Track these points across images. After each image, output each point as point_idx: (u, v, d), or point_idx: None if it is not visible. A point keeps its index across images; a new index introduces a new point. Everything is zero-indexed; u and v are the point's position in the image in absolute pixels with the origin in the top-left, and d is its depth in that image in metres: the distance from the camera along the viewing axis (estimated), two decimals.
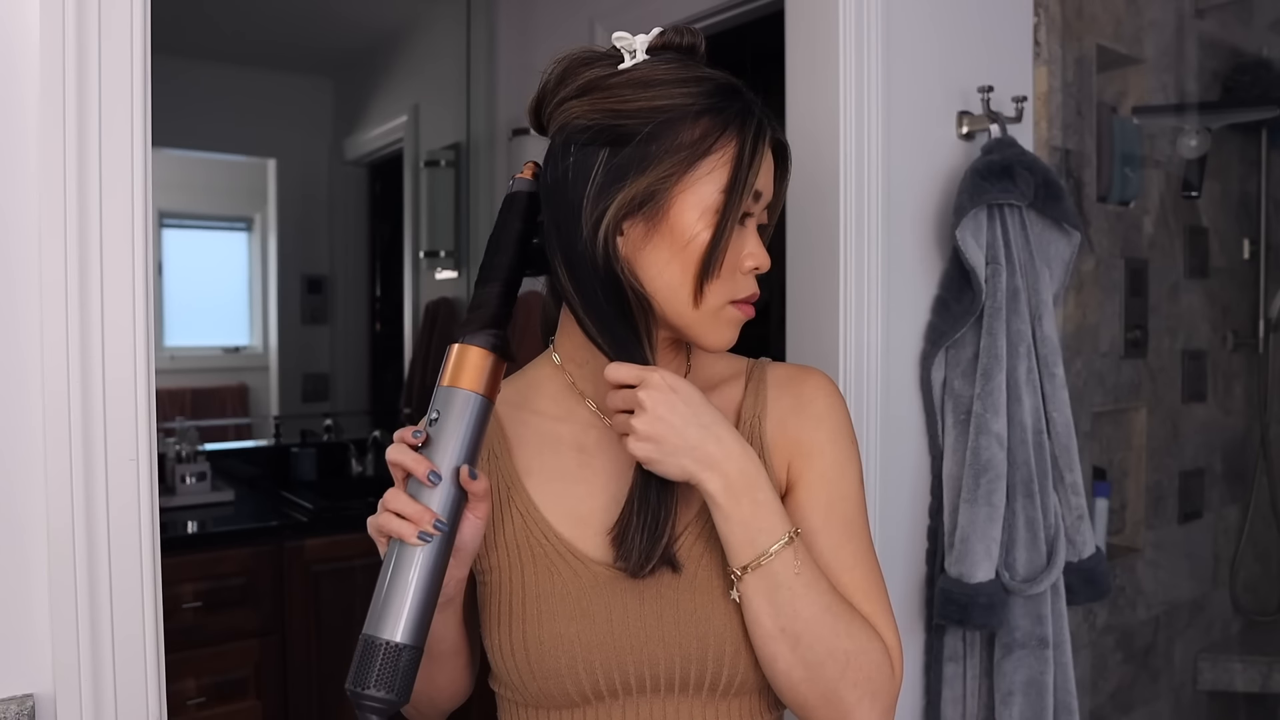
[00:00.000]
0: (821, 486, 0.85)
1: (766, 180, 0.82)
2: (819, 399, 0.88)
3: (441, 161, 2.97)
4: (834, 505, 0.85)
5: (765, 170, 0.81)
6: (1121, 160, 1.99)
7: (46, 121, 0.84)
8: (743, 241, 0.81)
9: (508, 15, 2.88)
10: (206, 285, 2.88)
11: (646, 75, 0.79)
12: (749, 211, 0.80)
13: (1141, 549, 2.16)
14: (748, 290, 0.82)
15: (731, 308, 0.81)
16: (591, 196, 0.77)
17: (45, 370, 0.85)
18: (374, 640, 0.70)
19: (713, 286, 0.79)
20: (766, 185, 0.82)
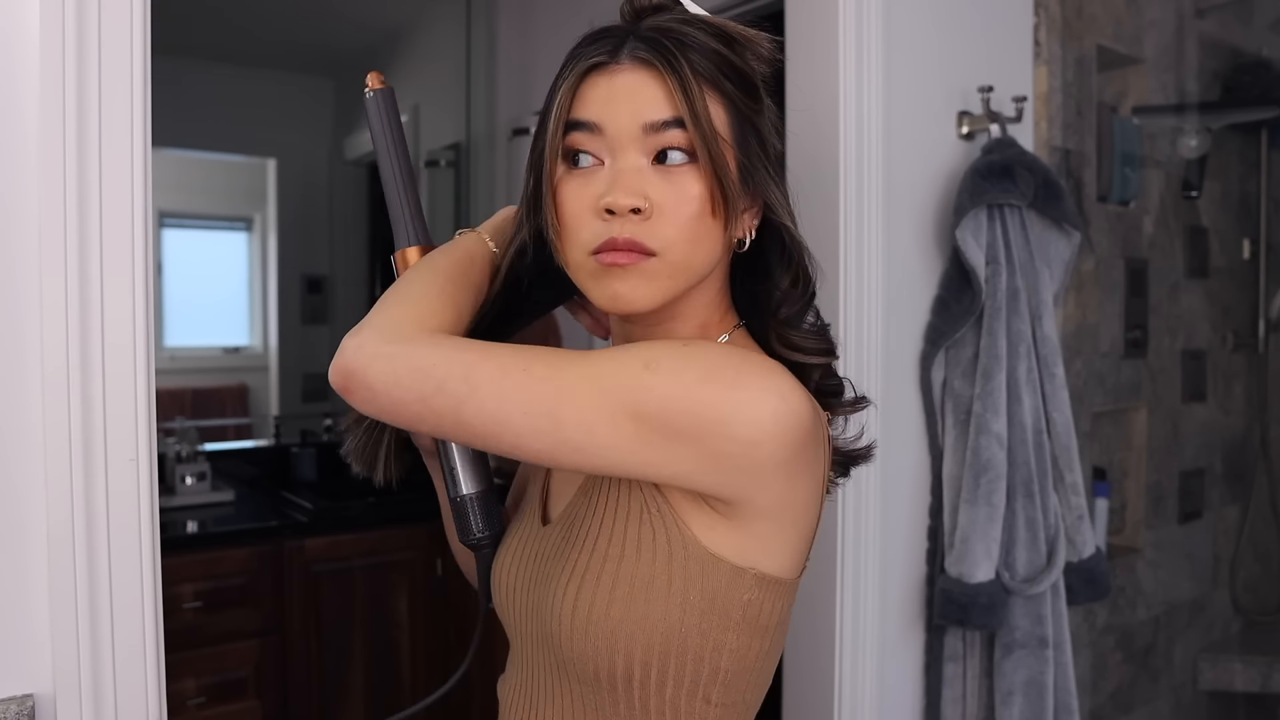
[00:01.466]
0: None
1: (603, 109, 0.73)
2: None
3: (441, 161, 2.97)
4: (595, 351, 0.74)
5: (594, 99, 0.74)
6: (1121, 160, 1.99)
7: (46, 121, 0.84)
8: (594, 184, 0.73)
9: (508, 15, 2.88)
10: (206, 285, 2.88)
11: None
12: (585, 148, 0.74)
13: (1141, 549, 2.16)
14: (600, 237, 0.72)
15: (592, 260, 0.73)
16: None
17: (45, 370, 0.85)
18: (458, 499, 0.86)
19: (561, 241, 0.75)
20: (607, 113, 0.73)
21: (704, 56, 0.74)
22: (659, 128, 0.72)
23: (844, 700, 1.45)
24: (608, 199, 0.71)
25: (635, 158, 0.73)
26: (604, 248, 0.72)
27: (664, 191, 0.73)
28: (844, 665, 1.45)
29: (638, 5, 0.78)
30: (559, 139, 0.75)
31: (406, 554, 2.40)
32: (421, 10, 2.98)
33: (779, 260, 0.81)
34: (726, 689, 0.77)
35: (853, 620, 1.45)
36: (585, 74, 0.74)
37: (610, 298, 0.74)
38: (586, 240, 0.73)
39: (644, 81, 0.73)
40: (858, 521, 1.45)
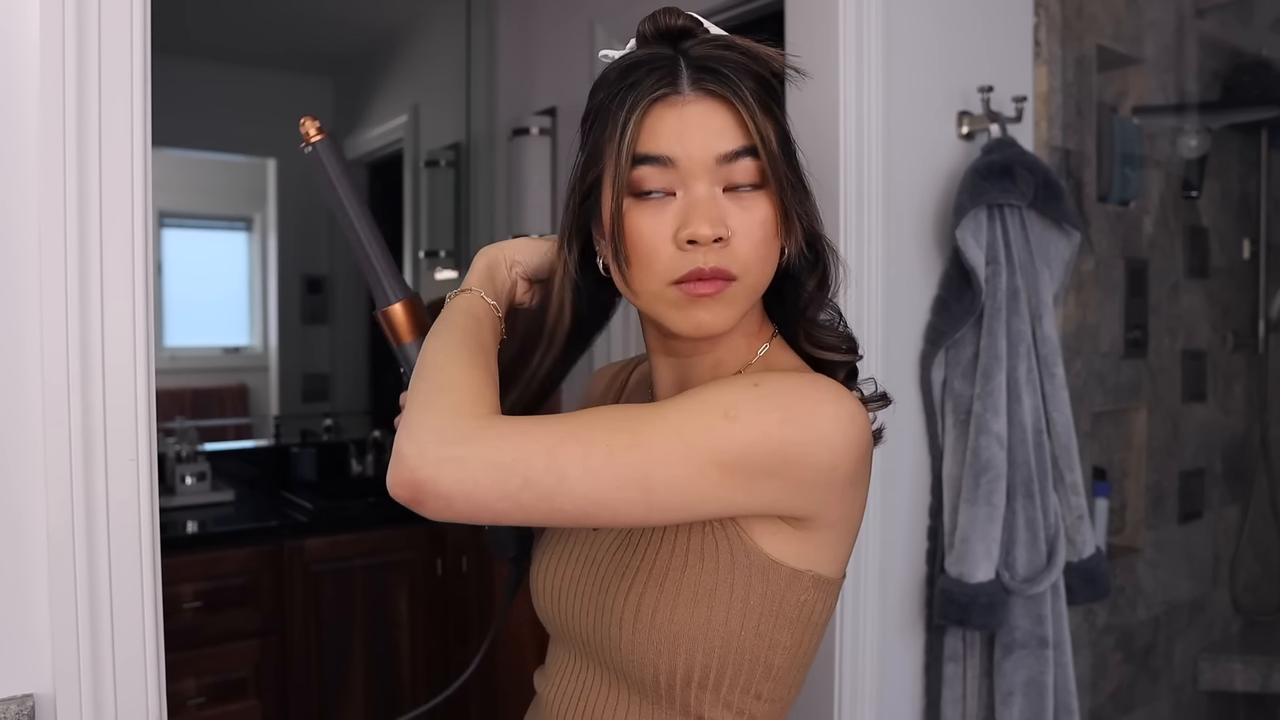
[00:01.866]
0: None
1: (676, 141, 0.73)
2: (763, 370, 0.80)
3: (441, 161, 2.97)
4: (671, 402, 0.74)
5: (664, 132, 0.74)
6: (1121, 160, 1.99)
7: (46, 121, 0.84)
8: (668, 215, 0.74)
9: (508, 15, 2.88)
10: (206, 285, 2.88)
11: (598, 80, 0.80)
12: (659, 186, 0.74)
13: (1141, 549, 2.16)
14: (687, 266, 0.73)
15: (676, 290, 0.74)
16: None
17: (45, 370, 0.85)
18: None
19: (634, 272, 0.75)
20: (680, 146, 0.73)
21: (754, 81, 0.76)
22: (732, 157, 0.74)
23: (844, 700, 1.45)
24: (691, 230, 0.73)
25: (707, 187, 0.74)
26: (689, 277, 0.74)
27: (739, 218, 0.74)
28: (844, 665, 1.45)
29: (663, 26, 0.78)
30: (627, 171, 0.74)
31: (406, 554, 2.40)
32: (421, 10, 2.98)
33: (809, 264, 0.83)
34: (776, 684, 0.80)
35: (853, 620, 1.45)
36: (650, 106, 0.74)
37: (695, 325, 0.76)
38: (665, 271, 0.74)
39: (714, 112, 0.74)
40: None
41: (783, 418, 0.70)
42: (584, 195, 0.79)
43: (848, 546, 0.80)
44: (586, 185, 0.79)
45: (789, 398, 0.71)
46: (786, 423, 0.70)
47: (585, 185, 0.79)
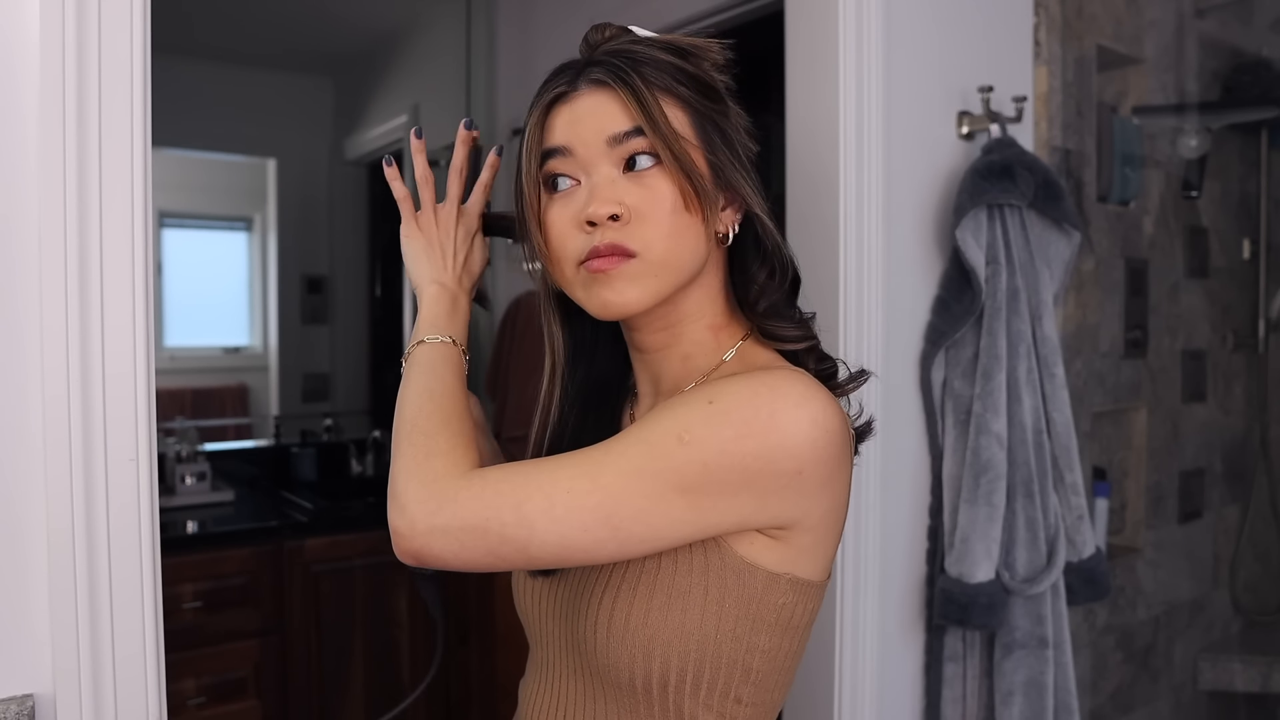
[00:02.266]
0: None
1: (570, 132, 0.78)
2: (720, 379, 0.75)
3: (441, 161, 2.96)
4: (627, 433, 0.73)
5: (561, 125, 0.79)
6: (1121, 160, 1.99)
7: (46, 122, 0.84)
8: (573, 202, 0.78)
9: (508, 15, 2.88)
10: (206, 285, 2.88)
11: None
12: (562, 171, 0.79)
13: (1141, 549, 2.16)
14: (585, 248, 0.76)
15: (582, 271, 0.78)
16: None
17: (45, 370, 0.85)
18: None
19: (550, 262, 0.80)
20: (573, 135, 0.78)
21: (656, 68, 0.78)
22: (621, 138, 0.77)
23: (844, 700, 1.45)
24: (589, 210, 0.75)
25: (607, 170, 0.77)
26: (589, 256, 0.76)
27: (637, 195, 0.76)
28: (844, 665, 1.45)
29: (592, 39, 0.83)
30: (535, 168, 0.80)
31: None
32: (421, 10, 2.98)
33: (754, 253, 0.84)
34: (757, 688, 0.79)
35: (853, 620, 1.45)
36: (550, 106, 0.80)
37: (601, 304, 0.77)
38: (573, 254, 0.78)
39: (602, 100, 0.78)
40: (858, 521, 1.45)
41: (737, 433, 0.70)
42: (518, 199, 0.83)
43: (830, 547, 0.79)
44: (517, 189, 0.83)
45: (744, 410, 0.70)
46: (742, 437, 0.70)
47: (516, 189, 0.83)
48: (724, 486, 0.70)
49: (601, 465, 0.71)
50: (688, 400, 0.73)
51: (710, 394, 0.72)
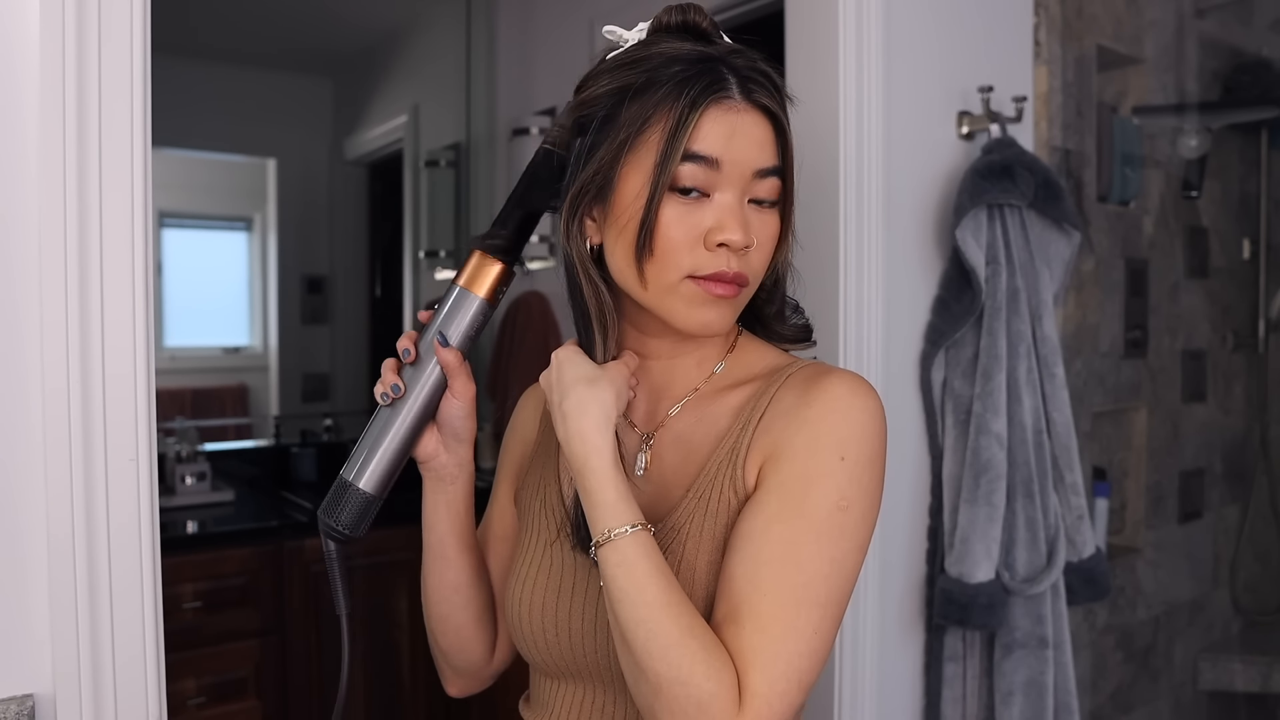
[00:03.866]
0: (777, 494, 0.74)
1: (727, 145, 0.74)
2: (819, 401, 0.76)
3: (441, 161, 2.97)
4: (781, 518, 0.73)
5: (720, 135, 0.74)
6: (1121, 160, 1.99)
7: (46, 121, 0.84)
8: (700, 215, 0.74)
9: (508, 15, 2.88)
10: (206, 285, 2.88)
11: (617, 60, 0.79)
12: (701, 185, 0.74)
13: (1141, 549, 2.16)
14: (712, 266, 0.74)
15: (691, 284, 0.75)
16: (565, 187, 0.80)
17: (45, 370, 0.85)
18: (343, 482, 0.83)
19: (654, 265, 0.75)
20: (730, 151, 0.74)
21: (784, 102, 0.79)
22: (764, 174, 0.77)
23: (844, 700, 1.45)
24: (726, 235, 0.74)
25: (739, 195, 0.76)
26: (713, 277, 0.75)
27: (758, 229, 0.77)
28: (844, 665, 1.45)
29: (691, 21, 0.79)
30: (675, 164, 0.74)
31: (406, 554, 2.40)
32: (421, 10, 2.98)
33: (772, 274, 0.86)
34: None
35: (853, 620, 1.45)
36: (708, 104, 0.74)
37: (703, 324, 0.77)
38: (688, 266, 0.75)
39: (760, 124, 0.76)
40: None
41: (869, 472, 0.76)
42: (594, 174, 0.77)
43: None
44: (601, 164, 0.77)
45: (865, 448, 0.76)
46: (874, 471, 0.76)
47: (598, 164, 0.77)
48: (873, 519, 0.77)
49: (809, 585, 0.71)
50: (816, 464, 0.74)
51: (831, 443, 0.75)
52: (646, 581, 0.70)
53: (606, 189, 0.77)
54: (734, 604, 0.71)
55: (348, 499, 0.82)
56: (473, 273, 0.83)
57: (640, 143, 0.75)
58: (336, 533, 0.84)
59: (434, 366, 0.82)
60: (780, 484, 0.74)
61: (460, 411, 0.84)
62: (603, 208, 0.78)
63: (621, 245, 0.77)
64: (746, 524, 0.74)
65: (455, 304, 0.82)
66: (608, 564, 0.72)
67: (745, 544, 0.73)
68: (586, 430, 0.75)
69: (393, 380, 0.81)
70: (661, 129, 0.74)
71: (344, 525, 0.83)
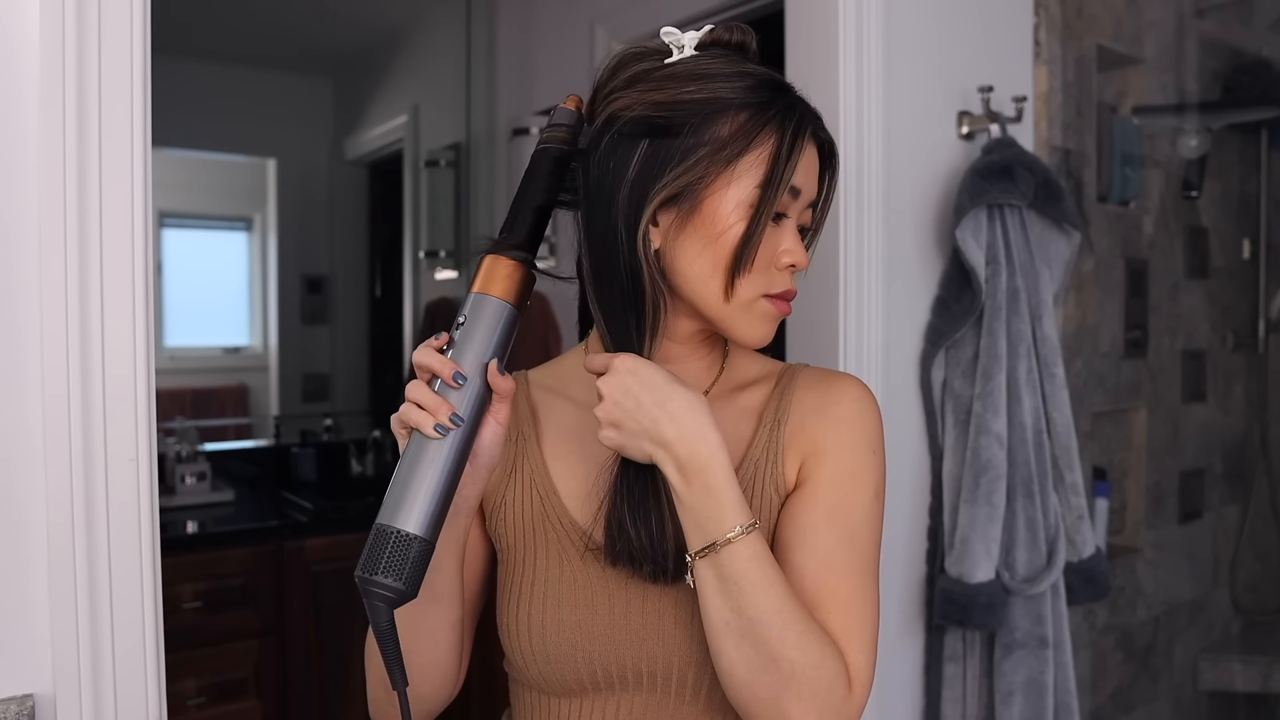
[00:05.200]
0: (829, 489, 0.83)
1: (806, 178, 0.81)
2: (845, 401, 0.85)
3: (441, 161, 2.97)
4: (838, 510, 0.82)
5: (805, 167, 0.81)
6: (1121, 160, 1.99)
7: (46, 121, 0.84)
8: (778, 238, 0.81)
9: (508, 15, 2.88)
10: (206, 285, 2.88)
11: (692, 69, 0.80)
12: (784, 209, 0.80)
13: (1141, 549, 2.16)
14: (782, 286, 0.82)
15: (765, 302, 0.81)
16: (628, 186, 0.78)
17: (45, 370, 0.85)
18: (385, 529, 0.70)
19: (744, 280, 0.79)
20: (807, 183, 0.81)
21: None
22: (809, 205, 0.84)
23: None
24: (796, 257, 0.81)
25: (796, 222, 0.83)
26: (784, 295, 0.82)
27: None
28: None
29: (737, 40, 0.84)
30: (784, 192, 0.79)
31: None
32: (421, 10, 2.98)
33: None
34: None
35: None
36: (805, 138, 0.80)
37: (764, 336, 0.83)
38: (764, 285, 0.81)
39: (815, 159, 0.83)
40: None
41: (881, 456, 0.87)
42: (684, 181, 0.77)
43: None
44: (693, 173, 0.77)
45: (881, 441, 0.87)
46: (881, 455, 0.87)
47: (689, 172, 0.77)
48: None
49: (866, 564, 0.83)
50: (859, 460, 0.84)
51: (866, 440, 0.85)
52: (776, 574, 0.75)
53: (695, 198, 0.78)
54: (813, 593, 0.79)
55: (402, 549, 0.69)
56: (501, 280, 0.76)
57: (743, 162, 0.77)
58: (391, 592, 0.70)
59: (479, 391, 0.74)
60: (830, 479, 0.83)
61: (499, 438, 0.79)
62: (680, 215, 0.78)
63: (709, 256, 0.79)
64: (804, 518, 0.82)
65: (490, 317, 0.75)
66: (738, 559, 0.74)
67: (809, 537, 0.81)
68: (706, 428, 0.74)
69: (449, 411, 0.73)
70: (769, 155, 0.78)
71: (404, 581, 0.69)
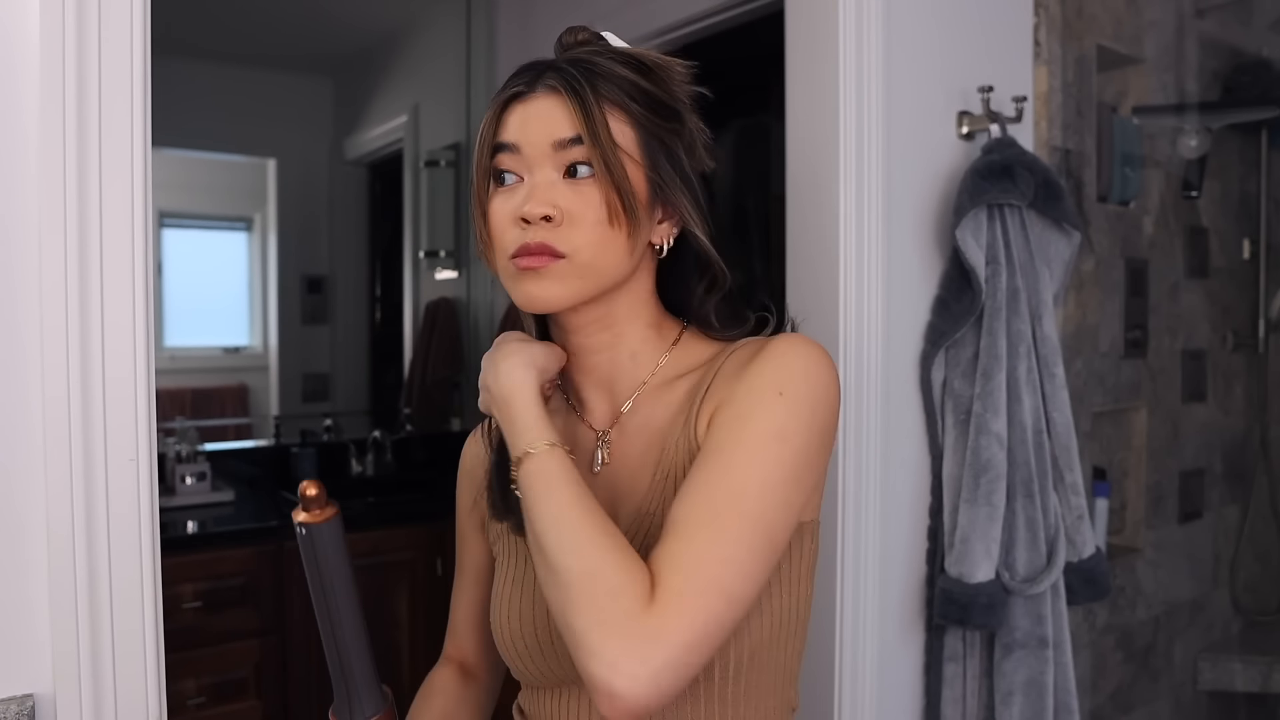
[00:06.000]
0: (715, 430, 0.77)
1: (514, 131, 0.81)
2: (760, 356, 0.80)
3: (441, 161, 2.97)
4: (717, 450, 0.75)
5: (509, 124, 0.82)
6: (1121, 160, 1.99)
7: (46, 121, 0.84)
8: (514, 198, 0.81)
9: (508, 15, 2.88)
10: (206, 285, 2.88)
11: None
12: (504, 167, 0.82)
13: (1141, 549, 2.16)
14: (516, 242, 0.80)
15: (511, 264, 0.81)
16: None
17: (45, 370, 0.85)
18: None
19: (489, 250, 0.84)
20: (521, 134, 0.81)
21: (611, 82, 0.82)
22: (565, 145, 0.80)
23: (844, 700, 1.45)
24: (524, 209, 0.79)
25: (548, 172, 0.81)
26: (519, 252, 0.80)
27: (572, 200, 0.80)
28: (844, 665, 1.45)
29: (565, 41, 0.87)
30: (486, 159, 0.83)
31: (406, 554, 2.40)
32: (421, 10, 2.98)
33: (692, 267, 0.89)
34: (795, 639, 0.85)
35: (853, 620, 1.45)
36: (507, 103, 0.83)
37: (525, 297, 0.82)
38: (507, 246, 0.81)
39: (553, 105, 0.81)
40: (858, 521, 1.45)
41: (812, 411, 0.77)
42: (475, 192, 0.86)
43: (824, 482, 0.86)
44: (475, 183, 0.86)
45: (808, 387, 0.78)
46: (815, 413, 0.77)
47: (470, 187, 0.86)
48: (813, 462, 0.78)
49: (738, 499, 0.73)
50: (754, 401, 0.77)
51: (769, 383, 0.77)
52: (561, 485, 0.74)
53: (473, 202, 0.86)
54: (667, 525, 0.73)
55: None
56: None
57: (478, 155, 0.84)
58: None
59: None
60: (721, 423, 0.78)
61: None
62: None
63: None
64: (695, 464, 0.77)
65: None
66: (526, 476, 0.76)
67: (689, 476, 0.76)
68: (512, 366, 0.81)
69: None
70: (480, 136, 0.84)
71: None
